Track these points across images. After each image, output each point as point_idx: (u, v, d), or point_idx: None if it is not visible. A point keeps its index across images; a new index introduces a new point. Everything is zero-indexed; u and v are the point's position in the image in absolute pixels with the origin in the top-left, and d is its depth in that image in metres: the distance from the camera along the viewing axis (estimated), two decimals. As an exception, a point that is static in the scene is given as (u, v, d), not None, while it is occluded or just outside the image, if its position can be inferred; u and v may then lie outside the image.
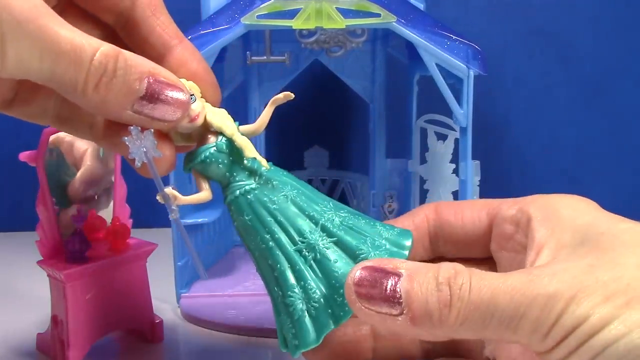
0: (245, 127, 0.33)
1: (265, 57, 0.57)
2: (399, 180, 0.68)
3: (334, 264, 0.32)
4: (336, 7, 0.48)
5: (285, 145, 0.73)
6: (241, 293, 0.53)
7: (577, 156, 0.76)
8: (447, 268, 0.28)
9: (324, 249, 0.33)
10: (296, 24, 0.48)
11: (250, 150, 0.32)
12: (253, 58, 0.55)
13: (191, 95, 0.31)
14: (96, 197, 0.47)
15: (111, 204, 0.47)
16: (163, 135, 0.32)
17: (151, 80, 0.30)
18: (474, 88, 0.50)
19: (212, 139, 0.32)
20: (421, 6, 0.58)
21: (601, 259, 0.27)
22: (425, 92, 0.59)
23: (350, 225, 0.33)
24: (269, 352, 0.45)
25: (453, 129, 0.54)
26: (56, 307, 0.43)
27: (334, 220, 0.33)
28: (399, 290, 0.28)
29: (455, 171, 0.54)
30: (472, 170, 0.52)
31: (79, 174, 0.45)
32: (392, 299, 0.28)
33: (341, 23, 0.48)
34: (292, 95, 0.33)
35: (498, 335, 0.27)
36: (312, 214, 0.33)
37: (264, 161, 0.33)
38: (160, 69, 0.31)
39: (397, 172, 0.68)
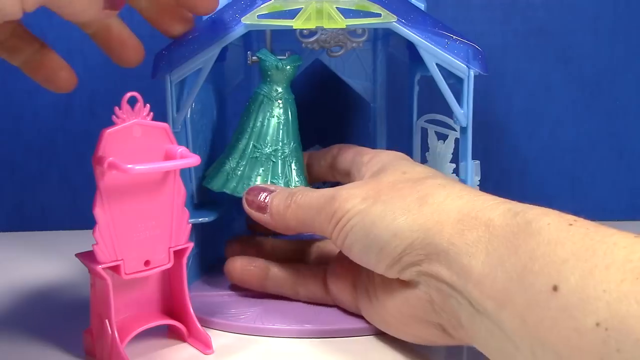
0: None
1: (265, 57, 0.57)
2: (399, 180, 0.68)
3: (258, 171, 0.50)
4: (337, 7, 0.48)
5: (286, 145, 0.73)
6: (241, 293, 0.53)
7: (577, 156, 0.76)
8: (297, 189, 0.47)
9: (262, 161, 0.51)
10: (297, 24, 0.48)
11: None
12: (254, 58, 0.55)
13: None
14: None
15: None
16: None
17: None
18: (474, 88, 0.50)
19: None
20: (422, 6, 0.58)
21: (369, 181, 0.44)
22: (426, 92, 0.59)
23: (288, 163, 0.51)
24: (270, 353, 0.45)
25: (453, 129, 0.54)
26: (100, 308, 0.43)
27: (285, 152, 0.51)
28: (267, 200, 0.46)
29: (456, 171, 0.54)
30: (472, 170, 0.52)
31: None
32: (264, 205, 0.47)
33: (342, 23, 0.48)
34: None
35: (311, 228, 0.44)
36: (278, 139, 0.51)
37: None
38: None
39: (398, 172, 0.68)
